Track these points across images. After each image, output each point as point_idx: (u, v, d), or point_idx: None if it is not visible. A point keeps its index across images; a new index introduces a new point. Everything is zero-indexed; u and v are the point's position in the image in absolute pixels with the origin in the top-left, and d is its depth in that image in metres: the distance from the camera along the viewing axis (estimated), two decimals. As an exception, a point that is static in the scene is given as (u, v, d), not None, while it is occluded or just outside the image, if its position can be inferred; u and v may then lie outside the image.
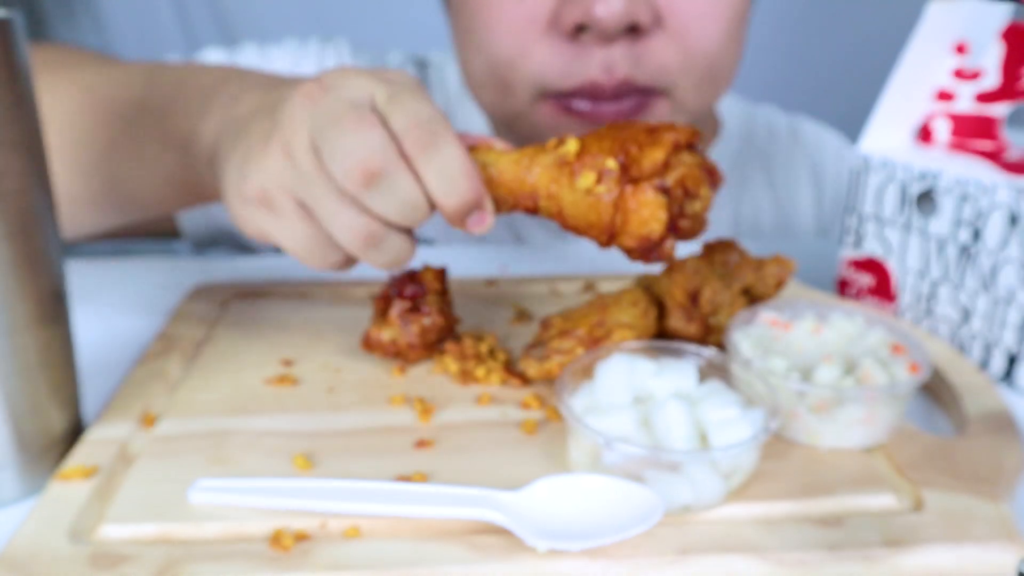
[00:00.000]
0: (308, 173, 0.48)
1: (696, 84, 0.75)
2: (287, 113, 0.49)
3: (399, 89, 0.48)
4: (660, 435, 0.45)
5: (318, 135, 0.47)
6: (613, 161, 0.48)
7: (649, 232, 0.49)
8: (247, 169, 0.50)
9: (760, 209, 0.95)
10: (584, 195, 0.49)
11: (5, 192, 0.43)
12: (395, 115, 0.47)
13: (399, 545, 0.42)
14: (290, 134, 0.48)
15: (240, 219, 0.52)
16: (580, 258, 0.84)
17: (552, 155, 0.50)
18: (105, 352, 0.63)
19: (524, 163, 0.50)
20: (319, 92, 0.48)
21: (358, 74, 0.50)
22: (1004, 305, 0.58)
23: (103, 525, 0.43)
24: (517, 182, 0.50)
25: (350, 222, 0.48)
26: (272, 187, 0.49)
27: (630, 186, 0.48)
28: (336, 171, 0.47)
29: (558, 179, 0.49)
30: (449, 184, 0.47)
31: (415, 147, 0.47)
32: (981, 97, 0.65)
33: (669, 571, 0.41)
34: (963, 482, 0.46)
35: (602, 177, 0.48)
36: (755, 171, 0.95)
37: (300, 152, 0.48)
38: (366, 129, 0.46)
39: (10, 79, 0.42)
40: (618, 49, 0.71)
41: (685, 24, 0.72)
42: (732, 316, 0.57)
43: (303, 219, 0.49)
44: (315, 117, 0.48)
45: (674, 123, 0.50)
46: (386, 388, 0.56)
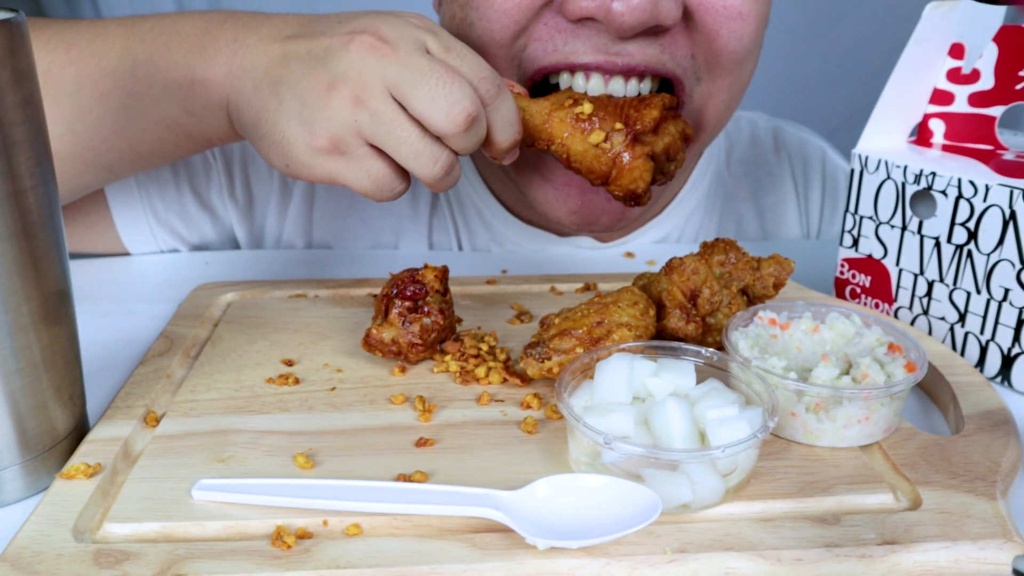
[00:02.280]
0: (388, 118, 0.54)
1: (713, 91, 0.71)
2: (349, 64, 0.54)
3: (443, 38, 0.57)
4: (659, 434, 0.46)
5: (405, 86, 0.53)
6: (620, 124, 0.62)
7: (636, 187, 0.62)
8: (311, 119, 0.55)
9: (744, 216, 0.95)
10: (592, 147, 0.61)
11: (10, 192, 0.43)
12: (462, 66, 0.56)
13: (400, 543, 0.42)
14: (359, 85, 0.54)
15: (308, 167, 0.57)
16: (580, 258, 0.84)
17: (569, 112, 0.62)
18: (108, 351, 0.64)
19: (547, 112, 0.62)
20: (382, 46, 0.54)
21: (400, 23, 0.56)
22: (999, 304, 0.59)
23: (106, 523, 0.44)
24: (540, 128, 0.62)
25: (434, 155, 0.56)
26: (346, 134, 0.55)
27: (627, 150, 0.61)
28: (438, 117, 0.54)
29: (572, 132, 0.62)
30: (509, 127, 0.59)
31: (489, 94, 0.57)
32: (976, 99, 0.66)
33: (668, 569, 0.41)
34: (959, 480, 0.47)
35: (609, 136, 0.61)
36: (738, 178, 0.95)
37: (376, 100, 0.54)
38: (458, 82, 0.54)
39: (16, 80, 0.43)
40: (634, 42, 0.65)
41: (716, 24, 0.67)
42: (730, 316, 0.57)
43: (377, 157, 0.56)
44: (391, 69, 0.54)
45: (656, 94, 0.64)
46: (387, 387, 0.57)
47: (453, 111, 0.54)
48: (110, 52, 0.65)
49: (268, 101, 0.57)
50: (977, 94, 0.65)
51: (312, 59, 0.56)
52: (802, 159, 0.98)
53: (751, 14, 0.68)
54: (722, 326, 0.57)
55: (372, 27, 0.56)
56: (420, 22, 0.58)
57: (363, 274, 0.75)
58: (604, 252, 0.86)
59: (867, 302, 0.68)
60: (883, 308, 0.67)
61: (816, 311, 0.57)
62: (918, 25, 0.64)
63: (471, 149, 0.58)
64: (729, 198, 0.94)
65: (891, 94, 0.66)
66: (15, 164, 0.43)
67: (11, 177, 0.43)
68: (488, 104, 0.57)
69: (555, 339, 0.55)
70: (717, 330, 0.58)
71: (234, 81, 0.60)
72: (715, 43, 0.68)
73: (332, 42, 0.56)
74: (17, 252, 0.44)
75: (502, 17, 0.68)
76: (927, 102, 0.68)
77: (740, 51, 0.69)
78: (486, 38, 0.70)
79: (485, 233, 0.88)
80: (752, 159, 0.97)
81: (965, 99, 0.66)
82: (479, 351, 0.60)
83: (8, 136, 0.42)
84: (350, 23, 0.57)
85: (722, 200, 0.94)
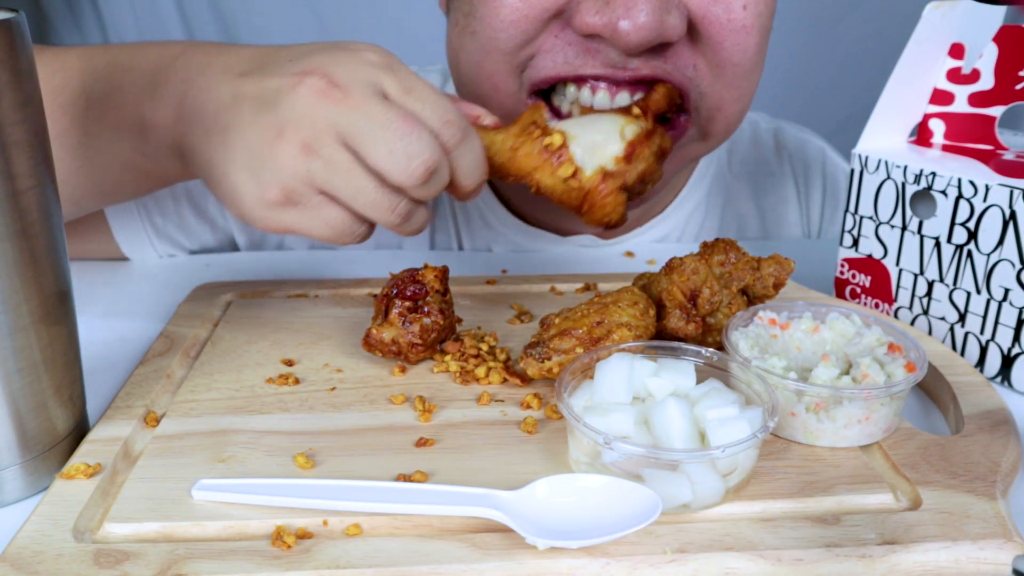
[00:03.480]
0: (343, 167, 0.51)
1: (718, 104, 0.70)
2: (299, 109, 0.50)
3: (403, 78, 0.53)
4: (659, 434, 0.46)
5: (359, 136, 0.50)
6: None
7: (609, 220, 0.59)
8: (260, 171, 0.51)
9: (745, 216, 0.95)
10: (561, 182, 0.58)
11: (11, 192, 0.43)
12: (424, 111, 0.52)
13: (400, 543, 0.42)
14: (310, 133, 0.50)
15: (262, 220, 0.54)
16: (580, 258, 0.84)
17: (537, 143, 0.58)
18: (108, 351, 0.64)
19: (513, 145, 0.58)
20: (333, 90, 0.51)
21: (355, 62, 0.52)
22: (999, 304, 0.59)
23: (106, 523, 0.44)
24: (507, 164, 0.59)
25: (392, 204, 0.53)
26: (297, 184, 0.52)
27: (600, 183, 0.58)
28: (395, 171, 0.51)
29: (541, 166, 0.58)
30: (474, 171, 0.56)
31: (452, 141, 0.53)
32: (976, 99, 0.66)
33: (668, 569, 0.41)
34: (959, 480, 0.47)
35: (577, 173, 0.58)
36: (738, 177, 0.95)
37: (328, 148, 0.51)
38: (416, 132, 0.51)
39: (16, 80, 0.43)
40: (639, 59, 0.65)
41: (720, 37, 0.67)
42: (730, 316, 0.57)
43: (333, 205, 0.53)
44: (344, 116, 0.50)
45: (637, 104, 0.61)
46: (387, 387, 0.57)
47: (411, 164, 0.51)
48: (66, 88, 0.63)
49: (217, 149, 0.54)
50: (977, 94, 0.65)
51: (261, 103, 0.52)
52: (803, 159, 0.98)
53: (754, 27, 0.68)
54: (722, 326, 0.57)
55: (323, 67, 0.51)
56: (378, 58, 0.53)
57: (363, 274, 0.75)
58: (604, 252, 0.86)
59: (867, 302, 0.68)
60: (883, 308, 0.67)
61: (816, 311, 0.57)
62: (918, 25, 0.64)
63: (432, 197, 0.55)
64: (730, 198, 0.94)
65: (891, 94, 0.66)
66: (14, 164, 0.43)
67: (10, 177, 0.43)
68: (451, 151, 0.54)
69: (555, 339, 0.55)
70: (717, 330, 0.58)
71: (184, 125, 0.56)
72: (719, 55, 0.68)
73: (281, 84, 0.51)
74: (17, 252, 0.44)
75: (509, 27, 0.67)
76: (927, 102, 0.68)
77: (745, 63, 0.69)
78: (490, 46, 0.68)
79: (486, 233, 0.88)
80: (753, 159, 0.97)
81: (965, 99, 0.66)
82: (479, 351, 0.60)
83: (7, 136, 0.42)
84: (301, 62, 0.53)
85: (723, 199, 0.94)
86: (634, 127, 0.59)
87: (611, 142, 0.58)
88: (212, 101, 0.54)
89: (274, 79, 0.52)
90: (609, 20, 0.62)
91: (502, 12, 0.67)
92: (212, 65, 0.57)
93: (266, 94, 0.52)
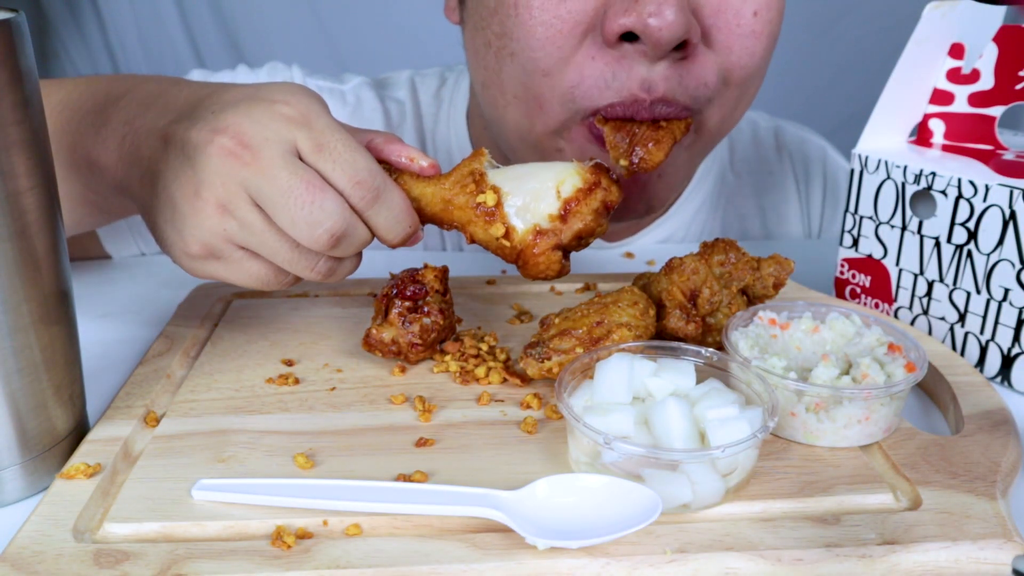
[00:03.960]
0: (258, 228, 0.51)
1: (729, 104, 0.72)
2: (211, 170, 0.50)
3: (317, 132, 0.51)
4: (659, 434, 0.46)
5: (266, 201, 0.50)
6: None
7: (545, 276, 0.58)
8: (183, 227, 0.52)
9: (746, 215, 0.95)
10: (494, 239, 0.56)
11: (10, 192, 0.43)
12: (334, 172, 0.51)
13: (400, 543, 0.42)
14: (223, 193, 0.50)
15: (190, 270, 0.55)
16: (580, 258, 0.84)
17: (471, 198, 0.56)
18: (108, 351, 0.64)
19: (446, 197, 0.56)
20: (243, 151, 0.49)
21: (268, 118, 0.50)
22: (999, 304, 0.59)
23: (106, 523, 0.44)
24: (441, 214, 0.57)
25: (310, 263, 0.53)
26: (216, 241, 0.52)
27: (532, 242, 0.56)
28: (300, 237, 0.51)
29: (474, 220, 0.56)
30: (395, 226, 0.54)
31: (363, 202, 0.52)
32: (976, 99, 0.66)
33: (668, 569, 0.41)
34: (959, 480, 0.47)
35: (510, 232, 0.56)
36: (740, 177, 0.95)
37: (241, 211, 0.51)
38: (319, 200, 0.50)
39: (15, 80, 0.43)
40: (662, 66, 0.66)
41: (729, 42, 0.68)
42: (730, 316, 0.57)
43: (253, 259, 0.53)
44: (252, 180, 0.50)
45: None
46: (387, 387, 0.57)
47: (314, 233, 0.50)
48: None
49: (149, 198, 0.54)
50: (977, 94, 0.65)
51: (183, 156, 0.51)
52: (803, 159, 0.98)
53: (764, 33, 0.69)
54: (722, 326, 0.57)
55: (236, 126, 0.50)
56: (294, 111, 0.51)
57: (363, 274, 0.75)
58: (604, 252, 0.86)
59: (867, 302, 0.68)
60: (883, 308, 0.67)
61: (816, 311, 0.57)
62: (918, 25, 0.64)
63: (352, 253, 0.54)
64: (732, 198, 0.94)
65: (891, 94, 0.66)
66: (14, 164, 0.43)
67: (10, 177, 0.43)
68: (365, 211, 0.52)
69: (555, 339, 0.55)
70: (717, 330, 0.58)
71: (125, 168, 0.57)
72: (728, 59, 0.69)
73: (199, 139, 0.51)
74: (16, 252, 0.44)
75: (546, 44, 0.67)
76: (927, 102, 0.68)
77: (751, 67, 0.70)
78: (531, 67, 0.68)
79: None
80: (754, 159, 0.97)
81: (965, 99, 0.66)
82: (479, 351, 0.60)
83: (7, 136, 0.42)
84: (219, 116, 0.51)
85: (725, 200, 0.94)
86: (573, 182, 0.56)
87: (545, 199, 0.56)
88: (146, 147, 0.54)
89: (194, 131, 0.51)
90: (639, 17, 0.64)
91: (538, 31, 0.67)
92: (151, 108, 0.57)
93: (187, 147, 0.51)
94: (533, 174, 0.57)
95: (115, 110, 0.58)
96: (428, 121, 0.93)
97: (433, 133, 0.92)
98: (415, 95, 0.94)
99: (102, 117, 0.59)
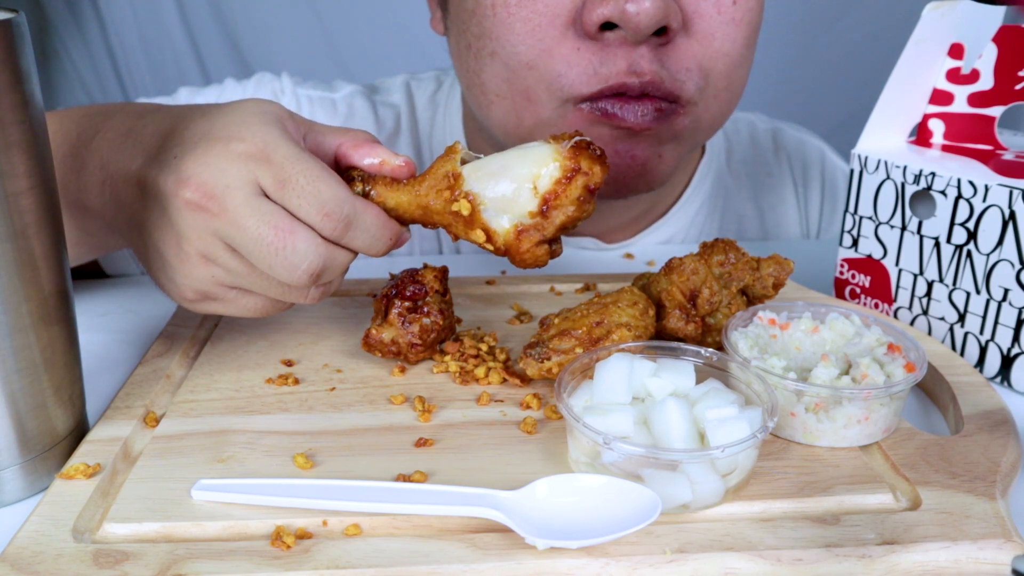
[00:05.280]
0: (243, 272, 0.51)
1: (716, 93, 0.73)
2: (184, 223, 0.50)
3: (278, 167, 0.49)
4: (659, 434, 0.46)
5: (241, 249, 0.50)
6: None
7: (536, 266, 0.56)
8: (174, 276, 0.52)
9: (744, 216, 0.95)
10: (476, 241, 0.55)
11: (10, 193, 0.43)
12: (300, 208, 0.49)
13: (400, 543, 0.42)
14: (202, 245, 0.50)
15: (191, 309, 0.55)
16: (580, 258, 0.84)
17: (448, 204, 0.54)
18: (108, 351, 0.64)
19: (421, 204, 0.54)
20: (209, 202, 0.49)
21: (227, 160, 0.49)
22: (999, 304, 0.59)
23: (106, 523, 0.44)
24: (423, 218, 0.55)
25: (301, 294, 0.53)
26: (207, 287, 0.52)
27: (515, 240, 0.54)
28: (282, 278, 0.51)
29: (454, 223, 0.55)
30: (375, 243, 0.53)
31: (336, 233, 0.51)
32: (976, 99, 0.66)
33: (668, 569, 0.41)
34: (959, 480, 0.47)
35: (491, 235, 0.54)
36: (738, 178, 0.95)
37: (223, 259, 0.51)
38: (292, 241, 0.49)
39: (15, 81, 0.43)
40: (643, 51, 0.67)
41: (711, 29, 0.69)
42: (730, 316, 0.57)
43: (248, 295, 0.54)
44: (224, 230, 0.49)
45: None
46: (386, 388, 0.57)
47: (294, 275, 0.50)
48: None
49: (138, 244, 0.55)
50: (977, 94, 0.65)
51: (159, 207, 0.51)
52: (801, 160, 0.98)
53: (743, 21, 0.70)
54: (722, 326, 0.57)
55: (197, 176, 0.49)
56: (251, 146, 0.49)
57: (363, 274, 0.75)
58: (604, 253, 0.86)
59: (867, 302, 0.68)
60: (883, 308, 0.67)
61: (816, 311, 0.57)
62: (917, 25, 0.64)
63: (337, 277, 0.54)
64: (730, 199, 0.94)
65: (891, 94, 0.66)
66: (13, 164, 0.43)
67: (10, 177, 0.43)
68: (340, 240, 0.51)
69: (555, 339, 0.55)
70: (717, 330, 0.58)
71: (111, 212, 0.56)
72: (711, 47, 0.70)
73: (167, 191, 0.50)
74: (16, 252, 0.44)
75: (526, 39, 0.68)
76: (927, 102, 0.68)
77: (733, 54, 0.71)
78: (513, 62, 0.69)
79: None
80: (752, 159, 0.97)
81: (965, 99, 0.66)
82: (479, 351, 0.60)
83: (7, 136, 0.42)
84: (181, 164, 0.50)
85: (723, 201, 0.94)
86: (550, 174, 0.53)
87: (523, 196, 0.53)
88: (125, 193, 0.54)
89: (161, 179, 0.50)
90: (616, 4, 0.65)
91: (516, 27, 0.68)
92: (123, 148, 0.56)
93: (160, 198, 0.51)
94: (508, 168, 0.54)
95: (88, 152, 0.58)
96: (424, 125, 0.93)
97: (429, 137, 0.93)
98: (411, 99, 0.94)
99: (78, 161, 0.58)
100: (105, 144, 0.57)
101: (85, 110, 0.63)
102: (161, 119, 0.56)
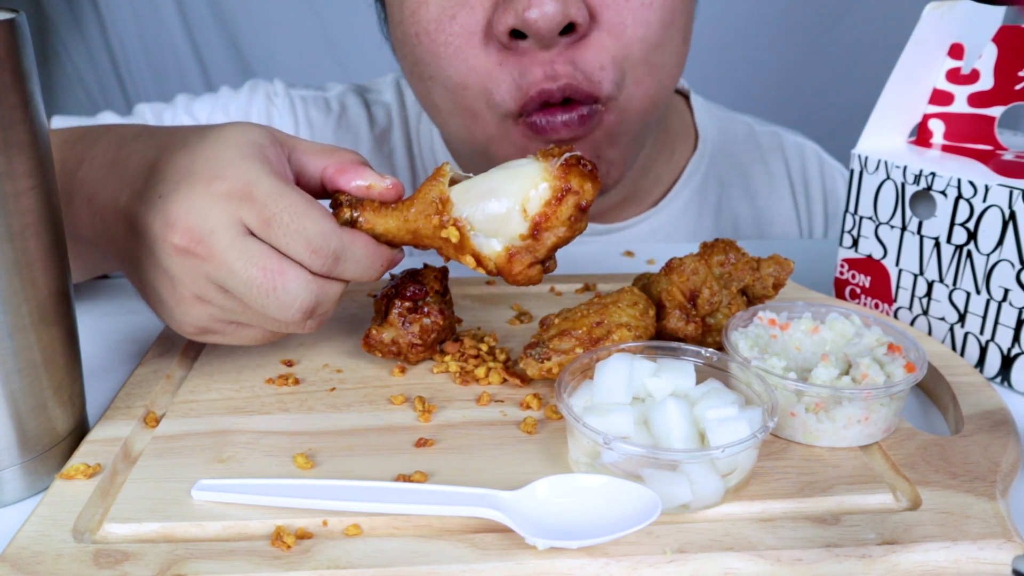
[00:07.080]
0: (237, 311, 0.51)
1: (639, 80, 0.73)
2: (175, 267, 0.50)
3: (261, 205, 0.49)
4: (659, 434, 0.46)
5: (233, 291, 0.50)
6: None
7: (527, 284, 0.55)
8: (172, 313, 0.53)
9: (739, 218, 0.95)
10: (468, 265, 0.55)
11: (10, 193, 0.43)
12: (288, 246, 0.49)
13: (400, 543, 0.42)
14: (195, 288, 0.50)
15: (193, 340, 0.56)
16: (579, 259, 0.84)
17: (438, 230, 0.53)
18: (108, 351, 0.64)
19: (411, 229, 0.54)
20: (196, 246, 0.48)
21: (210, 201, 0.48)
22: (999, 304, 0.59)
23: (106, 523, 0.44)
24: (414, 242, 0.54)
25: (298, 327, 0.53)
26: (205, 323, 0.53)
27: (507, 264, 0.54)
28: (276, 316, 0.51)
29: (444, 247, 0.54)
30: (366, 271, 0.53)
31: (325, 268, 0.50)
32: (976, 99, 0.66)
33: (668, 569, 0.41)
34: (959, 480, 0.47)
35: (483, 260, 0.54)
36: (733, 180, 0.96)
37: (217, 299, 0.51)
38: (281, 282, 0.49)
39: (16, 81, 0.43)
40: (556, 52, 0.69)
41: (621, 17, 0.69)
42: (730, 316, 0.57)
43: (247, 328, 0.54)
44: (215, 275, 0.49)
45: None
46: (386, 388, 0.57)
47: (287, 314, 0.50)
48: None
49: (135, 279, 0.55)
50: (977, 94, 0.65)
51: (148, 248, 0.51)
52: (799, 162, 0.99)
53: (655, 2, 0.70)
54: (722, 326, 0.57)
55: (183, 220, 0.48)
56: (232, 184, 0.49)
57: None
58: (604, 253, 0.86)
59: (867, 302, 0.68)
60: (883, 308, 0.67)
61: (816, 311, 0.57)
62: (917, 25, 0.64)
63: (331, 307, 0.53)
64: (725, 199, 0.95)
65: (891, 94, 0.66)
66: (14, 165, 0.43)
67: (10, 177, 0.43)
68: (330, 274, 0.51)
69: (555, 339, 0.55)
70: (717, 330, 0.58)
71: (104, 245, 0.56)
72: (623, 36, 0.70)
73: (155, 233, 0.50)
74: (17, 252, 0.44)
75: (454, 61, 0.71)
76: (927, 102, 0.68)
77: (650, 37, 0.71)
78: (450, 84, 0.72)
79: None
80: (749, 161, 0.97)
81: (965, 99, 0.66)
82: (479, 351, 0.60)
83: (7, 136, 0.42)
84: (166, 205, 0.49)
85: (717, 200, 0.94)
86: (540, 197, 0.51)
87: (513, 219, 0.52)
88: (115, 229, 0.54)
89: (148, 218, 0.50)
90: (516, 13, 0.66)
91: (440, 51, 0.71)
92: (107, 181, 0.55)
93: (149, 240, 0.50)
94: (497, 190, 0.52)
95: (75, 183, 0.57)
96: (414, 122, 0.95)
97: (418, 134, 0.95)
98: (401, 98, 0.97)
99: (65, 194, 0.57)
100: (91, 175, 0.56)
101: (65, 135, 0.62)
102: (144, 149, 0.55)
